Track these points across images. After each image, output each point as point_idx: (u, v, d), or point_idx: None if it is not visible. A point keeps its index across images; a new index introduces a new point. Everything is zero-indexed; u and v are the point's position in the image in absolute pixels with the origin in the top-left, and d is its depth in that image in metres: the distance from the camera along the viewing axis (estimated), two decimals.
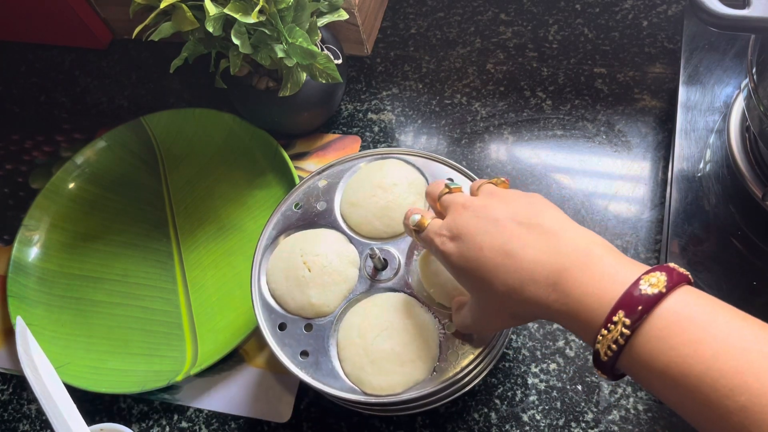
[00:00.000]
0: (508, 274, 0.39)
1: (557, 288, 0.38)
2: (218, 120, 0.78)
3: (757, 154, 0.54)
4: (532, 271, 0.39)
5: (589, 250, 0.38)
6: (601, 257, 0.38)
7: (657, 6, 0.77)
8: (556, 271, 0.38)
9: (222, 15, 0.58)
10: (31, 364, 0.57)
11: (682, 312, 0.34)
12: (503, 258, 0.40)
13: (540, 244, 0.39)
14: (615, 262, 0.37)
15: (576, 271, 0.37)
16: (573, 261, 0.38)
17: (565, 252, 0.38)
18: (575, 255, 0.38)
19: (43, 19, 0.88)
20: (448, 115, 0.75)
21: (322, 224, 0.59)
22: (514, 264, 0.39)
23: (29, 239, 0.74)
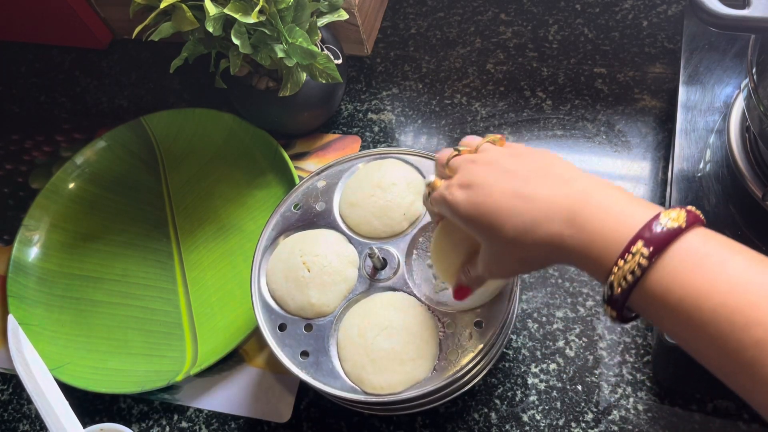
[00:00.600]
0: (521, 215, 0.39)
1: (573, 223, 0.37)
2: (218, 120, 0.78)
3: (757, 154, 0.54)
4: (547, 209, 0.38)
5: (606, 189, 0.38)
6: (618, 196, 0.38)
7: (657, 6, 0.77)
8: (572, 206, 0.37)
9: (222, 15, 0.58)
10: (23, 363, 0.57)
11: (701, 248, 0.34)
12: (515, 200, 0.39)
13: (555, 186, 0.39)
14: (632, 200, 0.37)
15: (593, 207, 0.37)
16: (590, 198, 0.37)
17: (582, 190, 0.38)
18: (592, 192, 0.38)
19: (43, 19, 0.88)
20: (448, 115, 0.75)
21: (321, 225, 0.59)
22: (527, 205, 0.39)
23: (29, 239, 0.74)
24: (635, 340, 0.59)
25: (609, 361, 0.59)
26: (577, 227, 0.37)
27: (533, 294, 0.63)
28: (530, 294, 0.63)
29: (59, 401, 0.56)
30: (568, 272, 0.63)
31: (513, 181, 0.40)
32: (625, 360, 0.58)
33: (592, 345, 0.60)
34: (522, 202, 0.39)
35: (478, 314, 0.53)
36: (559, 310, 0.62)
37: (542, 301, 0.62)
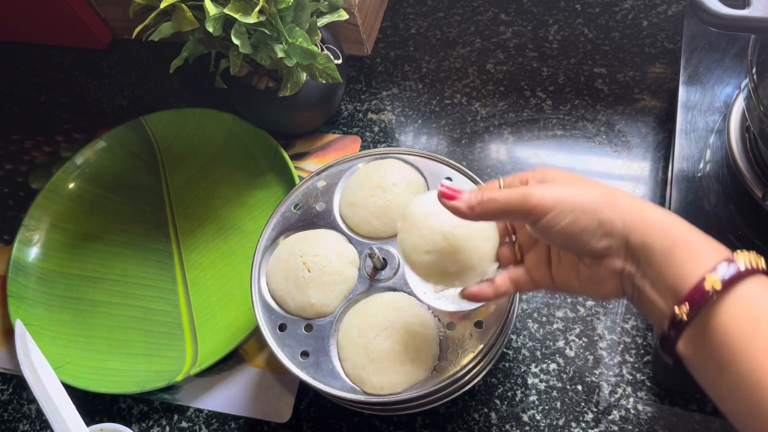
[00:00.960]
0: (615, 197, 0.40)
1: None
2: (218, 120, 0.78)
3: (757, 154, 0.54)
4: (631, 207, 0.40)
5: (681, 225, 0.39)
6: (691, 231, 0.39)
7: (657, 6, 0.77)
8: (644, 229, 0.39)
9: (222, 15, 0.58)
10: (30, 366, 0.57)
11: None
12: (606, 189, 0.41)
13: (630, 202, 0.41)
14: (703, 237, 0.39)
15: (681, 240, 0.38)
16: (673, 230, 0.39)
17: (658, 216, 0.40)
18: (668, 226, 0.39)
19: (43, 19, 0.88)
20: (448, 115, 0.75)
21: (321, 225, 0.59)
22: (616, 199, 0.40)
23: (29, 239, 0.74)
24: (635, 340, 0.59)
25: (609, 361, 0.59)
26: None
27: (533, 294, 0.63)
28: (530, 294, 0.63)
29: (66, 405, 0.56)
30: None
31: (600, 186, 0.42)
32: (625, 360, 0.58)
33: (592, 345, 0.60)
34: (612, 196, 0.40)
35: (478, 314, 0.53)
36: (559, 310, 0.62)
37: (542, 301, 0.62)
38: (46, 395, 0.56)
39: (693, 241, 0.38)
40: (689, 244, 0.37)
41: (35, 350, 0.58)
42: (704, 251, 0.37)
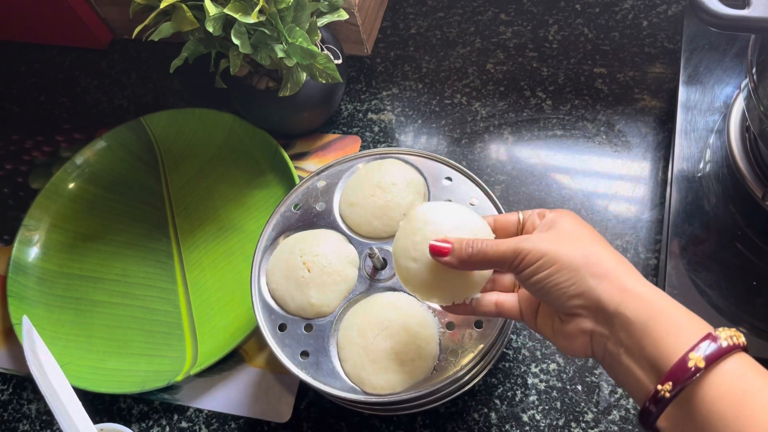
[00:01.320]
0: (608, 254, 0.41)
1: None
2: (218, 120, 0.77)
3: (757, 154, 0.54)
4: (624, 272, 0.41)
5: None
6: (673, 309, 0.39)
7: (657, 6, 0.77)
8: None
9: (222, 15, 0.58)
10: (37, 363, 0.57)
11: (747, 375, 0.35)
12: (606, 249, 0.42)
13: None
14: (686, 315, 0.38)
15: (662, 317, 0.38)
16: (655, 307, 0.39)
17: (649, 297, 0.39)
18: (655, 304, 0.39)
19: (43, 19, 0.88)
20: (448, 115, 0.75)
21: (321, 225, 0.59)
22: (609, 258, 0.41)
23: (29, 239, 0.74)
24: None
25: None
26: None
27: None
28: None
29: (72, 402, 0.56)
30: None
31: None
32: None
33: None
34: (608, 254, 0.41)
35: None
36: None
37: None
38: (53, 392, 0.56)
39: (673, 315, 0.37)
40: (669, 317, 0.37)
41: (42, 346, 0.58)
42: (685, 326, 0.37)
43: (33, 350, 0.58)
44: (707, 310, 0.52)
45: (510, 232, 0.47)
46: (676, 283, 0.53)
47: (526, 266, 0.41)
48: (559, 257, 0.40)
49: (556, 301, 0.41)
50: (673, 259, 0.54)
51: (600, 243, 0.42)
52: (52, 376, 0.56)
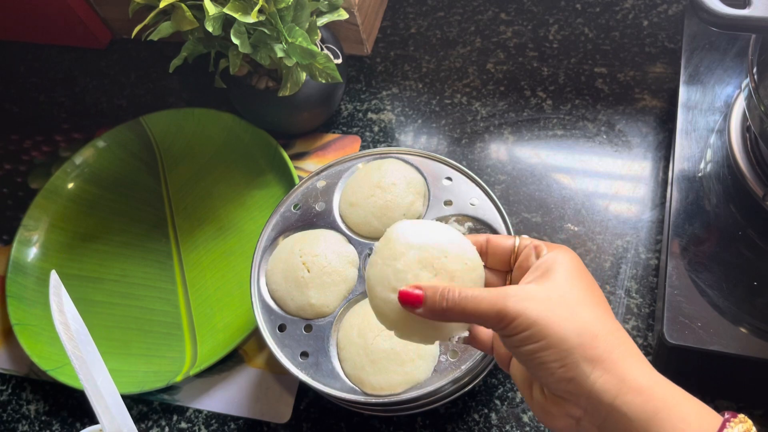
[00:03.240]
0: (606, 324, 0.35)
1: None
2: (217, 120, 0.77)
3: (758, 154, 0.54)
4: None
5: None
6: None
7: (657, 5, 0.77)
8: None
9: (221, 14, 0.58)
10: (64, 323, 0.54)
11: None
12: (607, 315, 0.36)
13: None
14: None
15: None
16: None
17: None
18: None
19: (43, 19, 0.88)
20: (448, 114, 0.75)
21: (321, 225, 0.59)
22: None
23: (28, 239, 0.74)
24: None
25: None
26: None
27: None
28: None
29: (97, 363, 0.53)
30: None
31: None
32: None
33: None
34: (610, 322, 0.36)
35: None
36: None
37: None
38: (78, 354, 0.52)
39: (680, 410, 0.33)
40: (675, 413, 0.33)
41: (69, 306, 0.54)
42: (694, 422, 0.33)
43: (60, 309, 0.54)
44: (707, 310, 0.52)
45: (502, 259, 0.41)
46: (676, 283, 0.53)
47: (510, 333, 0.35)
48: (549, 332, 0.34)
49: (541, 378, 0.35)
50: (674, 259, 0.54)
51: (599, 307, 0.36)
52: (79, 338, 0.53)
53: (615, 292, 0.61)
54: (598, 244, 0.64)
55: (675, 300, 0.52)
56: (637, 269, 0.62)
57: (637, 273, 0.62)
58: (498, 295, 0.35)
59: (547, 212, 0.66)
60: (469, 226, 0.57)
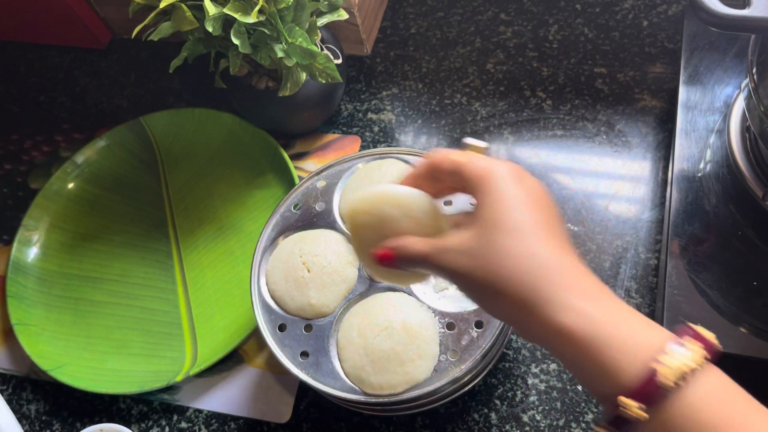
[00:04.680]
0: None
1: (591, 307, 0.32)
2: (218, 120, 0.77)
3: (758, 154, 0.54)
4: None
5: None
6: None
7: (657, 6, 0.77)
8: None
9: (221, 15, 0.58)
10: None
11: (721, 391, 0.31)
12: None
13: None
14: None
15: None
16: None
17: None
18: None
19: (43, 19, 0.88)
20: (448, 115, 0.75)
21: (321, 225, 0.59)
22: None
23: (28, 239, 0.74)
24: None
25: None
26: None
27: None
28: None
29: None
30: None
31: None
32: None
33: None
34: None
35: (478, 314, 0.53)
36: None
37: None
38: None
39: (626, 328, 0.32)
40: (622, 331, 0.31)
41: None
42: (636, 341, 0.31)
43: None
44: (707, 310, 0.52)
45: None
46: (676, 283, 0.53)
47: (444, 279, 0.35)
48: (477, 286, 0.33)
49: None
50: (674, 259, 0.54)
51: (538, 242, 0.33)
52: None
53: (615, 292, 0.61)
54: (597, 244, 0.64)
55: (675, 300, 0.52)
56: (636, 269, 0.62)
57: (637, 273, 0.62)
58: (425, 249, 0.35)
59: None
60: None
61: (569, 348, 0.32)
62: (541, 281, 0.32)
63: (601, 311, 0.32)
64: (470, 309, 0.53)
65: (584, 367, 0.32)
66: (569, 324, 0.32)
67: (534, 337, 0.34)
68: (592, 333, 0.31)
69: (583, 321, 0.32)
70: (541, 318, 0.32)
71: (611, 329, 0.31)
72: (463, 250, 0.34)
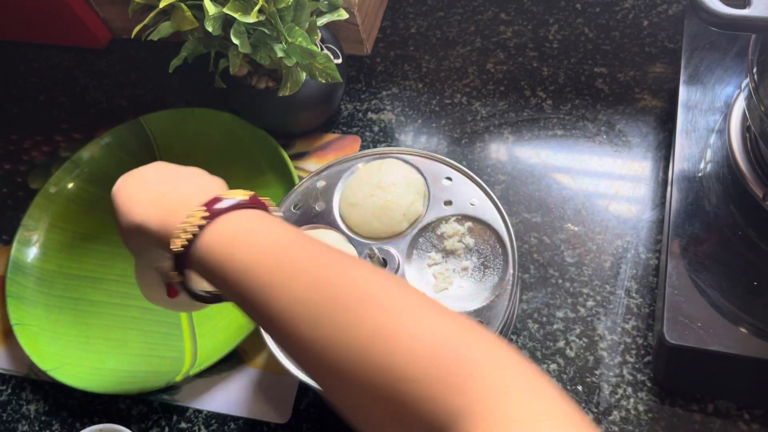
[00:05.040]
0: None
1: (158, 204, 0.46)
2: (217, 120, 0.77)
3: (758, 154, 0.54)
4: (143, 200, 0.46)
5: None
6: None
7: (657, 5, 0.77)
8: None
9: (221, 14, 0.58)
10: None
11: (245, 222, 0.42)
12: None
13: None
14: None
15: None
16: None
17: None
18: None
19: (43, 19, 0.88)
20: (448, 114, 0.75)
21: (321, 225, 0.59)
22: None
23: (28, 239, 0.74)
24: (635, 340, 0.59)
25: (609, 362, 0.59)
26: (160, 206, 0.45)
27: (533, 294, 0.63)
28: (530, 294, 0.63)
29: None
30: (568, 272, 0.63)
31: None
32: (625, 360, 0.58)
33: (592, 345, 0.59)
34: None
35: (479, 314, 0.53)
36: (560, 311, 0.62)
37: (542, 301, 0.62)
38: None
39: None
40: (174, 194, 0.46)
41: None
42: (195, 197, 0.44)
43: None
44: (707, 310, 0.52)
45: None
46: (676, 283, 0.53)
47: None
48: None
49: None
50: (674, 259, 0.54)
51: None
52: None
53: (615, 292, 0.61)
54: (598, 244, 0.64)
55: (675, 300, 0.52)
56: (637, 269, 0.62)
57: (637, 273, 0.62)
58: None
59: (547, 212, 0.66)
60: (469, 226, 0.57)
61: (144, 239, 0.46)
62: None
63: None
64: (470, 309, 0.53)
65: (151, 238, 0.45)
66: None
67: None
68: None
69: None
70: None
71: (168, 217, 0.44)
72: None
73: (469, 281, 0.55)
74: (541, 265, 0.64)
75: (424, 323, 0.34)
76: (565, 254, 0.64)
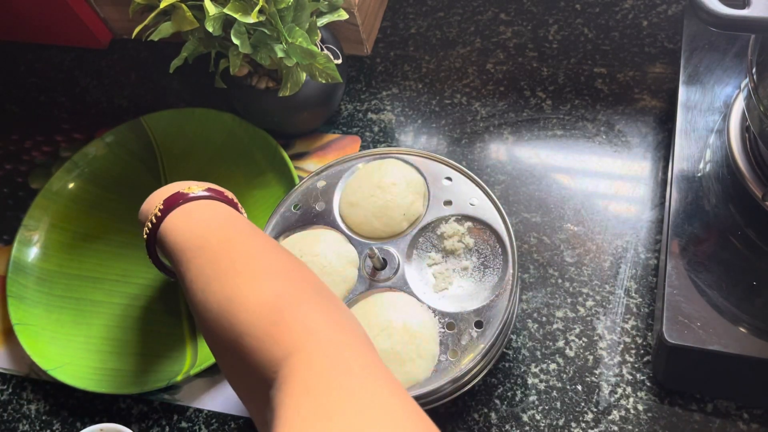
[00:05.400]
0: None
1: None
2: (218, 120, 0.77)
3: (757, 154, 0.54)
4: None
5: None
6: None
7: (657, 6, 0.77)
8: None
9: (222, 15, 0.58)
10: None
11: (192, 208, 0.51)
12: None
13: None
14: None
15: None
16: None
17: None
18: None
19: (43, 19, 0.88)
20: (448, 115, 0.75)
21: (321, 225, 0.59)
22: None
23: (29, 239, 0.74)
24: (635, 340, 0.59)
25: (609, 361, 0.59)
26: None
27: (533, 294, 0.63)
28: (530, 294, 0.63)
29: None
30: (568, 272, 0.63)
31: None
32: (625, 360, 0.58)
33: (592, 345, 0.60)
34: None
35: (478, 314, 0.53)
36: (559, 310, 0.62)
37: (542, 301, 0.62)
38: None
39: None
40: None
41: None
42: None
43: None
44: (707, 310, 0.52)
45: None
46: (676, 283, 0.53)
47: None
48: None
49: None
50: (673, 259, 0.54)
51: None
52: None
53: (615, 292, 0.61)
54: (597, 244, 0.64)
55: (674, 300, 0.52)
56: (636, 269, 0.62)
57: (637, 273, 0.62)
58: None
59: (546, 212, 0.67)
60: (468, 226, 0.57)
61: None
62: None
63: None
64: (470, 309, 0.53)
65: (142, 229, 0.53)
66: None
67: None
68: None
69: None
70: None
71: (144, 213, 0.55)
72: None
73: (469, 281, 0.55)
74: (540, 265, 0.64)
75: (269, 285, 0.40)
76: (565, 254, 0.64)
